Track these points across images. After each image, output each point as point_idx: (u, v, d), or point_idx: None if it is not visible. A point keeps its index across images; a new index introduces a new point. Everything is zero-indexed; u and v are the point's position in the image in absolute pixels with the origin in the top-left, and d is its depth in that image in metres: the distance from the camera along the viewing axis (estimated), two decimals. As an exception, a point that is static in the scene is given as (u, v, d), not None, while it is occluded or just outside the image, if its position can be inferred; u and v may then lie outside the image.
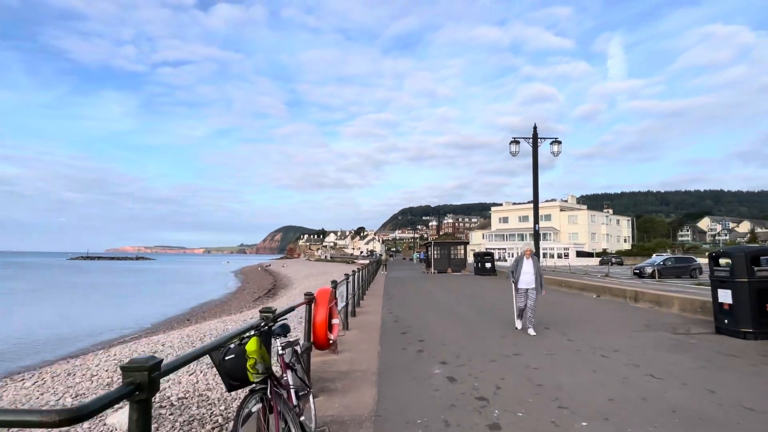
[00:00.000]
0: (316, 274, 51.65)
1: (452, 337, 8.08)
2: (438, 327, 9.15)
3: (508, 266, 10.54)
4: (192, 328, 17.46)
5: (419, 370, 5.83)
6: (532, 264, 8.43)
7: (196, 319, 23.69)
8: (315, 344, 4.93)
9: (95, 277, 63.45)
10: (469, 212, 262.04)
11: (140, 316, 25.03)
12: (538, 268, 8.39)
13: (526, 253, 8.52)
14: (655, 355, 6.52)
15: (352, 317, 10.46)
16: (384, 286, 20.75)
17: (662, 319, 9.76)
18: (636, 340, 7.65)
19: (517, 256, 8.71)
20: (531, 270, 8.36)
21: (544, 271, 11.17)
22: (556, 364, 6.09)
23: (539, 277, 8.34)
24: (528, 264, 8.45)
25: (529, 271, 8.37)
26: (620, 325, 9.20)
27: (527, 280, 8.37)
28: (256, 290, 42.28)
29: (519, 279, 8.48)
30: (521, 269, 8.46)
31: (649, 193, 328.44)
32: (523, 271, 8.42)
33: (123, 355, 12.37)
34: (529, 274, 8.37)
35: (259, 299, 33.19)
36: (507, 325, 9.31)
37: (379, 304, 13.47)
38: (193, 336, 14.68)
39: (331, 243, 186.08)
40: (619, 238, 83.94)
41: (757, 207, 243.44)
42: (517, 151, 21.36)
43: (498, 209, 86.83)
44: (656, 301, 11.26)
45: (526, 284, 8.37)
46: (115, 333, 19.79)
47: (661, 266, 29.26)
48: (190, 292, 40.76)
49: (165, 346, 13.23)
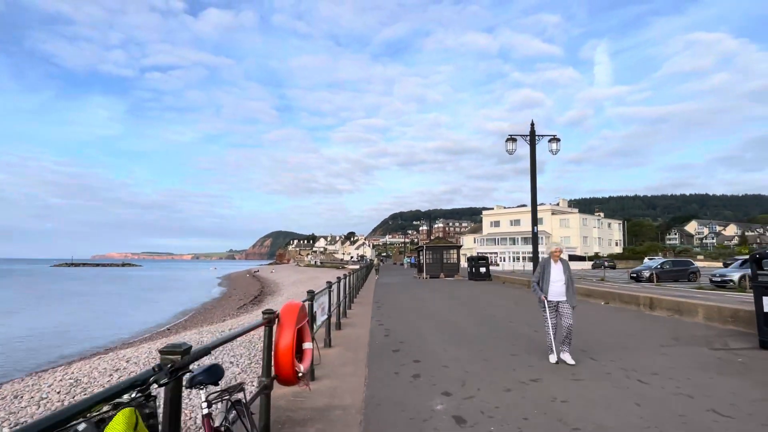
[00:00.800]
0: (305, 279, 50.19)
1: (453, 355, 6.83)
2: (435, 343, 7.88)
3: (500, 270, 9.33)
4: (164, 341, 16.02)
5: (417, 406, 4.56)
6: (562, 269, 6.51)
7: (176, 329, 22.36)
8: (279, 379, 3.65)
9: (77, 284, 61.20)
10: (459, 217, 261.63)
11: (119, 325, 23.65)
12: (569, 273, 6.50)
13: (554, 254, 6.62)
14: (706, 380, 5.33)
15: (337, 331, 9.15)
16: (374, 292, 19.44)
17: (689, 330, 8.61)
18: (672, 358, 6.46)
19: (542, 260, 6.75)
20: (561, 277, 6.45)
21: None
22: (587, 394, 4.86)
23: (571, 286, 6.45)
24: (557, 269, 6.52)
25: (558, 279, 6.45)
26: (644, 338, 8.00)
27: (557, 291, 6.46)
28: (242, 297, 40.78)
29: (548, 289, 6.47)
30: (549, 276, 6.49)
31: (637, 198, 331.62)
32: (552, 279, 6.47)
33: (82, 373, 10.99)
34: (559, 283, 6.44)
35: (244, 307, 31.78)
36: (514, 339, 8.08)
37: (368, 313, 12.17)
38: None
39: (321, 248, 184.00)
40: (611, 242, 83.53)
41: (742, 211, 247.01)
42: (514, 149, 20.28)
43: (489, 213, 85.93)
44: (676, 308, 10.12)
45: (556, 296, 6.46)
46: (88, 344, 18.40)
47: (659, 270, 28.35)
48: (173, 300, 39.31)
49: (129, 363, 11.85)
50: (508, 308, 13.11)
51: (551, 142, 19.97)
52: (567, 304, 6.39)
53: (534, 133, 19.87)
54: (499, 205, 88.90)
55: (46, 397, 9.00)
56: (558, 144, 19.94)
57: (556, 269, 6.54)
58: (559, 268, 6.55)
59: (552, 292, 6.47)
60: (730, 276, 25.65)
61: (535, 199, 19.80)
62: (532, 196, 19.77)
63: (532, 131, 19.87)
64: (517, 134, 20.16)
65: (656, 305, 10.80)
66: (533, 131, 19.87)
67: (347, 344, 7.83)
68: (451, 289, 20.93)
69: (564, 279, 6.46)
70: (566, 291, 6.41)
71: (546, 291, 6.50)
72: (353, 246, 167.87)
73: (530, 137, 19.85)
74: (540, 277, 6.64)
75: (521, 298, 16.00)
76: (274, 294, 40.04)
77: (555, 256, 6.62)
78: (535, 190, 19.62)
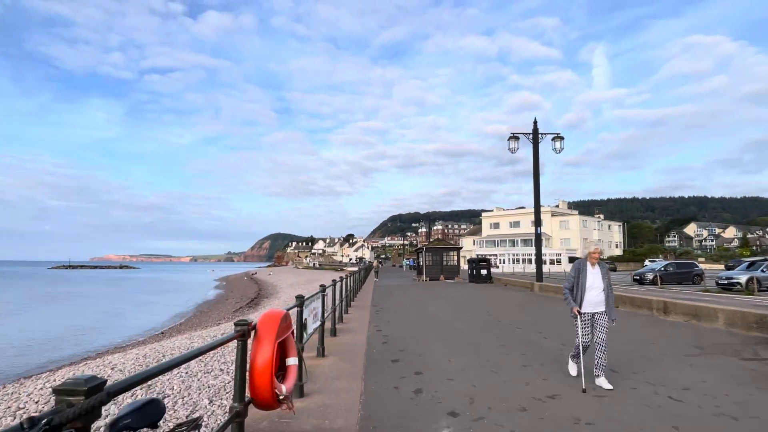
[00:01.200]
0: (303, 282, 49.56)
1: (458, 366, 6.20)
2: (438, 351, 7.25)
3: (500, 272, 8.63)
4: (153, 346, 15.40)
5: (420, 430, 3.93)
6: (600, 274, 5.40)
7: (170, 333, 21.78)
8: (255, 402, 3.03)
9: (73, 286, 60.45)
10: (458, 219, 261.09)
11: (112, 329, 23.00)
12: (609, 280, 5.39)
13: (592, 256, 5.47)
14: (746, 397, 4.70)
15: (332, 337, 8.52)
16: (372, 295, 18.81)
17: (711, 338, 7.99)
18: (701, 370, 5.84)
19: (577, 264, 5.60)
20: (600, 284, 5.34)
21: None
22: (615, 414, 4.24)
23: (611, 295, 5.37)
24: (594, 274, 5.40)
25: (597, 285, 5.34)
26: (665, 346, 7.38)
27: (594, 300, 5.33)
28: (239, 300, 40.14)
29: (584, 298, 5.36)
30: (585, 282, 5.37)
31: (635, 200, 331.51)
32: (589, 286, 5.34)
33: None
34: (596, 291, 5.33)
35: (240, 310, 31.17)
36: (524, 347, 7.46)
37: (365, 318, 11.53)
38: (151, 356, 12.67)
39: (319, 250, 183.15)
40: (611, 244, 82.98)
41: (740, 213, 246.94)
42: (516, 147, 19.70)
43: (489, 215, 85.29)
44: (693, 313, 9.51)
45: (593, 306, 5.34)
46: (80, 348, 17.79)
47: (663, 272, 27.76)
48: (169, 303, 38.67)
49: (115, 370, 11.24)
50: (513, 312, 12.49)
51: (555, 141, 19.41)
52: (605, 316, 5.32)
53: (537, 131, 19.30)
54: (498, 207, 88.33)
55: (25, 407, 8.48)
56: (561, 142, 19.39)
57: (593, 274, 5.41)
58: (596, 273, 5.41)
59: (588, 301, 5.35)
60: (737, 278, 24.99)
61: (538, 197, 19.20)
62: (535, 194, 19.17)
63: (535, 129, 19.29)
64: (520, 132, 19.60)
65: (671, 310, 10.18)
66: (536, 129, 19.30)
67: (342, 353, 7.20)
68: (452, 292, 20.31)
69: (602, 286, 5.33)
70: (605, 301, 5.32)
71: (580, 300, 5.37)
72: (352, 248, 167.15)
73: (533, 135, 19.28)
74: (573, 283, 5.49)
75: (526, 302, 15.38)
76: (271, 296, 39.39)
77: (593, 258, 5.46)
78: (538, 188, 19.02)
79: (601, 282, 5.37)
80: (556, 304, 14.42)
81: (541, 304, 14.68)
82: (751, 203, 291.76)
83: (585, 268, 5.46)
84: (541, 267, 19.58)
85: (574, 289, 5.49)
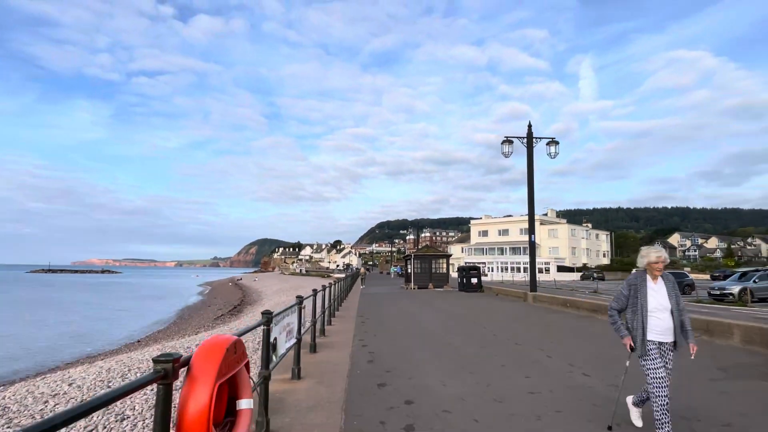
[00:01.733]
0: (288, 288, 48.37)
1: (455, 392, 5.33)
2: (430, 372, 6.38)
3: (489, 281, 7.73)
4: (121, 358, 14.29)
5: (412, 488, 3.05)
6: (666, 291, 3.86)
7: (147, 341, 20.66)
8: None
9: (50, 291, 58.59)
10: (446, 226, 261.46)
11: (85, 337, 21.86)
12: (677, 296, 3.86)
13: (655, 268, 3.87)
14: (803, 438, 3.93)
15: (311, 354, 7.59)
16: (358, 304, 17.88)
17: (731, 358, 7.24)
18: (735, 399, 5.05)
19: (632, 278, 4.01)
20: (666, 303, 3.81)
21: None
22: (654, 463, 3.42)
23: (685, 316, 3.84)
24: (658, 291, 3.85)
25: (662, 306, 3.80)
26: (684, 367, 6.59)
27: (661, 326, 3.78)
28: (222, 306, 38.94)
29: (647, 324, 3.80)
30: (646, 303, 3.83)
31: (620, 210, 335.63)
32: (652, 307, 3.81)
33: (14, 399, 9.33)
34: (663, 314, 3.79)
35: (222, 317, 29.99)
36: (527, 368, 6.62)
37: (350, 331, 10.62)
38: (117, 370, 11.61)
39: (306, 256, 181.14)
40: (599, 253, 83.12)
41: (721, 224, 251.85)
42: (510, 151, 19.05)
43: (477, 222, 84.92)
44: (704, 328, 8.79)
45: (661, 334, 3.78)
46: (46, 357, 16.70)
47: (655, 282, 27.28)
48: (149, 309, 37.44)
49: (72, 387, 10.18)
50: (509, 326, 11.68)
51: (549, 145, 18.81)
52: (673, 347, 3.84)
53: (531, 135, 18.68)
54: (487, 215, 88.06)
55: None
56: (557, 147, 18.79)
57: (657, 291, 3.84)
58: (661, 288, 3.85)
59: (653, 327, 3.77)
60: (730, 289, 24.89)
61: (532, 202, 18.52)
62: (529, 200, 18.50)
63: (530, 133, 18.67)
64: (514, 136, 18.97)
65: (679, 324, 9.47)
66: (530, 133, 18.68)
67: (322, 374, 6.29)
68: (442, 302, 19.47)
69: (670, 305, 3.79)
70: (678, 325, 3.79)
71: (642, 327, 3.78)
72: (339, 254, 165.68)
73: (527, 140, 18.65)
74: (625, 303, 3.99)
75: (521, 314, 14.59)
76: (255, 303, 38.24)
77: (656, 270, 3.85)
78: (533, 193, 18.35)
79: (667, 301, 3.80)
80: (552, 315, 13.67)
81: (537, 316, 13.91)
82: (731, 214, 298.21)
83: (644, 284, 3.89)
84: (536, 276, 18.86)
85: (629, 312, 3.96)
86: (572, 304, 14.33)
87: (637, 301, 3.89)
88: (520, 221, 73.64)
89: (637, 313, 3.87)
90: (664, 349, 3.81)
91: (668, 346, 3.82)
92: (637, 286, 3.92)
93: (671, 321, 3.79)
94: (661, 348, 3.81)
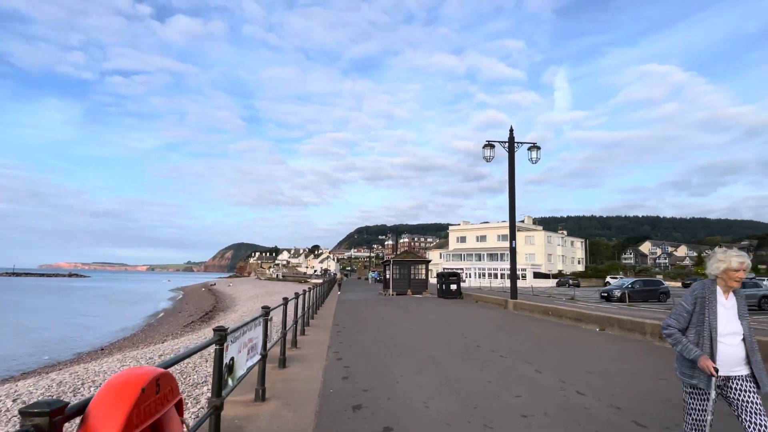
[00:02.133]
0: (263, 294, 47.13)
1: (439, 416, 4.74)
2: (411, 391, 5.77)
3: (467, 287, 7.26)
4: (77, 369, 13.22)
5: None
6: (737, 309, 3.01)
7: (110, 350, 19.50)
8: None
9: (11, 295, 55.77)
10: (424, 232, 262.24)
11: (44, 344, 20.55)
12: (746, 319, 3.02)
13: (734, 276, 2.97)
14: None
15: (280, 370, 6.89)
16: (335, 312, 17.16)
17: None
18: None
19: (698, 288, 3.08)
20: (737, 325, 2.97)
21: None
22: None
23: (754, 345, 2.96)
24: (730, 308, 3.01)
25: (734, 331, 2.96)
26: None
27: (731, 355, 2.92)
28: (192, 313, 37.50)
29: (716, 352, 2.91)
30: (715, 322, 2.95)
31: (593, 218, 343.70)
32: (723, 330, 2.94)
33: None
34: (735, 339, 2.94)
35: (191, 325, 28.73)
36: (515, 385, 6.08)
37: (325, 341, 9.93)
38: (69, 383, 10.67)
39: (284, 261, 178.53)
40: (574, 260, 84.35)
41: (689, 233, 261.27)
42: (492, 156, 18.74)
43: (456, 228, 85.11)
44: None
45: (729, 364, 2.92)
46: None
47: (630, 289, 27.50)
48: (115, 315, 35.92)
49: (17, 403, 9.25)
50: (492, 335, 11.19)
51: (531, 150, 18.57)
52: (749, 381, 2.91)
53: (513, 139, 18.41)
54: (465, 221, 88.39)
55: None
56: (538, 152, 18.57)
57: (729, 309, 3.01)
58: (733, 306, 3.01)
59: (724, 356, 2.91)
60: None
61: (513, 208, 18.20)
62: (510, 205, 18.18)
63: (511, 138, 18.40)
64: (495, 141, 18.66)
65: (667, 334, 9.16)
66: (512, 138, 18.41)
67: (290, 394, 5.61)
68: (422, 309, 18.92)
69: (742, 330, 2.96)
70: (748, 354, 2.93)
71: (711, 353, 2.92)
72: (317, 259, 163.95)
73: (509, 144, 18.37)
74: (688, 320, 3.07)
75: (502, 322, 14.15)
76: (227, 310, 36.96)
77: (735, 280, 2.98)
78: (514, 198, 18.04)
79: (737, 323, 2.95)
80: (535, 324, 13.27)
81: (519, 324, 13.48)
82: (699, 224, 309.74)
83: (714, 299, 3.00)
84: (516, 283, 18.50)
85: (691, 333, 3.03)
86: (554, 312, 13.97)
87: (704, 319, 2.96)
88: (497, 227, 74.08)
89: (703, 335, 2.94)
90: (732, 385, 2.91)
91: (738, 382, 2.90)
92: (704, 301, 3.00)
93: (741, 349, 2.91)
94: (727, 385, 2.92)
